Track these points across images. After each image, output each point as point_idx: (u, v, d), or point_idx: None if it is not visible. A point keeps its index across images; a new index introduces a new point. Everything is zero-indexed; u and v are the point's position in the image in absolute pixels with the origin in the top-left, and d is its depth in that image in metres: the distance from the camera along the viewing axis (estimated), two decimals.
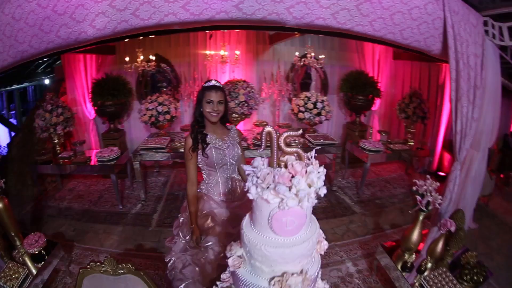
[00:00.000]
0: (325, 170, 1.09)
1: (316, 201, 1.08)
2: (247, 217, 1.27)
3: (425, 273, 2.19)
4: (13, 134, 5.89)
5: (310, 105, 4.30)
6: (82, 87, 4.95)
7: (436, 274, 2.20)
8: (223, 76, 5.06)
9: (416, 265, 2.31)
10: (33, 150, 4.38)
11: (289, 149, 1.09)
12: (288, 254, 1.08)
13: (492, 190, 3.74)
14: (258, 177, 1.07)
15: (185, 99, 5.03)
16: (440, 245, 2.28)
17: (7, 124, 7.61)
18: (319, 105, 4.30)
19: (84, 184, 4.78)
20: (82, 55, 4.78)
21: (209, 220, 2.01)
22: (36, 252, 2.38)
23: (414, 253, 2.41)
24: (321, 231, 1.25)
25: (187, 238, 2.02)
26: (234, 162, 2.07)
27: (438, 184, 2.23)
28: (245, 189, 1.10)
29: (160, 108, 4.28)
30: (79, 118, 5.06)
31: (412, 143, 4.50)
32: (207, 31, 4.70)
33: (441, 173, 4.61)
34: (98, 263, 1.62)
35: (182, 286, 1.90)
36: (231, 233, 1.94)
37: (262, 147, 1.14)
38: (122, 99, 4.77)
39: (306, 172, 1.06)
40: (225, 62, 4.68)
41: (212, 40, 4.98)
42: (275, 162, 1.09)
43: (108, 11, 2.08)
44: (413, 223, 2.34)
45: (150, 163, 5.27)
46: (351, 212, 3.81)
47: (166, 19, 2.15)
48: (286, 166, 1.09)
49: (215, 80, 2.00)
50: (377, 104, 5.33)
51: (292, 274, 1.09)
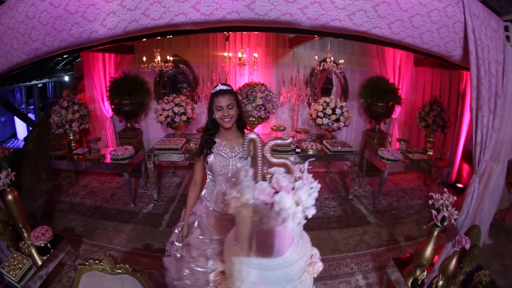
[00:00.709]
0: (319, 186, 0.95)
1: (305, 221, 0.92)
2: (232, 231, 1.17)
3: None
4: (31, 129, 6.02)
5: (329, 111, 4.21)
6: (100, 85, 4.98)
7: None
8: (241, 79, 4.99)
9: (427, 282, 2.21)
10: (49, 145, 4.47)
11: (276, 160, 0.96)
12: (270, 278, 0.97)
13: (510, 204, 3.56)
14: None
15: (203, 101, 4.98)
16: (453, 263, 2.16)
17: (25, 119, 7.87)
18: (338, 111, 4.20)
19: (98, 181, 4.80)
20: (101, 54, 4.81)
21: (196, 224, 2.03)
22: (42, 245, 2.42)
23: (426, 270, 2.30)
24: (317, 251, 1.11)
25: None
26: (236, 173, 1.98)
27: (455, 199, 2.12)
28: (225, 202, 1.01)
29: (177, 109, 4.26)
30: (97, 116, 5.12)
31: (431, 153, 4.35)
32: (225, 32, 4.67)
33: (459, 185, 4.46)
34: (97, 261, 1.63)
35: None
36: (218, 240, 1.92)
37: (246, 157, 1.00)
38: (139, 99, 4.76)
39: (294, 188, 0.91)
40: (243, 65, 4.60)
41: (231, 42, 4.92)
42: (259, 175, 0.96)
43: (119, 11, 2.09)
44: (427, 238, 2.23)
45: (166, 163, 5.26)
46: (366, 222, 3.69)
47: (177, 19, 2.13)
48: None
49: (222, 84, 1.94)
50: (398, 112, 5.17)
51: None
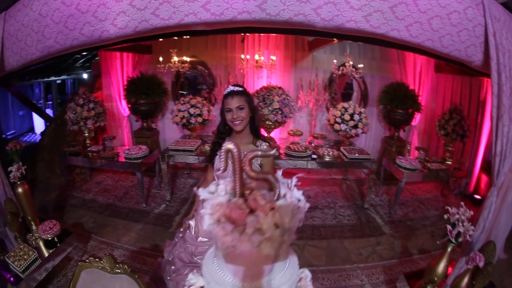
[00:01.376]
0: (307, 206, 0.79)
1: (286, 245, 0.78)
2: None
3: None
4: (47, 124, 6.14)
5: (347, 117, 4.10)
6: (118, 84, 5.01)
7: None
8: (259, 82, 4.92)
9: None
10: (64, 141, 4.54)
11: (255, 174, 0.82)
12: None
13: None
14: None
15: (219, 103, 4.90)
16: (466, 280, 2.05)
17: (42, 114, 8.06)
18: (356, 117, 4.09)
19: (112, 179, 4.82)
20: (119, 53, 4.83)
21: (193, 222, 2.01)
22: (49, 239, 2.48)
23: (437, 286, 2.19)
24: (308, 274, 1.00)
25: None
26: None
27: (472, 213, 2.01)
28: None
29: (192, 110, 4.22)
30: (114, 114, 5.16)
31: (450, 163, 4.19)
32: (242, 34, 4.64)
33: (477, 196, 4.28)
34: (97, 259, 1.62)
35: None
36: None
37: (222, 169, 0.87)
38: (156, 99, 4.75)
39: (273, 209, 0.75)
40: (261, 67, 4.52)
41: (250, 44, 4.87)
42: (238, 190, 0.82)
43: (129, 10, 2.10)
44: (440, 254, 2.12)
45: (182, 164, 5.21)
46: (380, 233, 3.57)
47: (187, 19, 2.12)
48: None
49: (234, 85, 1.87)
50: (417, 119, 4.99)
51: None
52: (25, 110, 10.09)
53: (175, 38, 4.25)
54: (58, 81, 11.16)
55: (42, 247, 2.48)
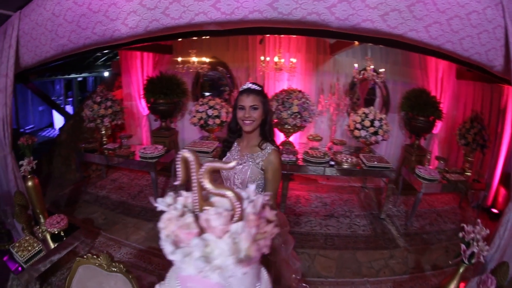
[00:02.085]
0: (275, 231, 0.66)
1: (240, 274, 0.61)
2: None
3: None
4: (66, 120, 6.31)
5: (367, 123, 3.91)
6: (138, 83, 4.97)
7: None
8: (279, 85, 4.77)
9: None
10: (81, 138, 4.55)
11: (212, 188, 0.65)
12: None
13: None
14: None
15: None
16: None
17: (60, 110, 8.23)
18: (377, 123, 3.90)
19: (128, 177, 4.75)
20: (139, 53, 4.79)
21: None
22: (56, 232, 2.48)
23: None
24: None
25: None
26: (238, 183, 1.71)
27: (487, 232, 1.84)
28: None
29: (210, 112, 4.12)
30: (133, 113, 5.13)
31: (469, 174, 3.93)
32: (262, 35, 4.50)
33: (494, 210, 4.00)
34: (95, 256, 1.61)
35: None
36: None
37: (178, 180, 0.71)
38: (175, 99, 4.67)
39: (228, 232, 0.62)
40: (280, 70, 4.38)
41: (271, 46, 4.72)
42: (197, 204, 0.70)
43: (139, 10, 2.10)
44: (452, 274, 1.95)
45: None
46: (394, 246, 3.36)
47: (197, 19, 2.10)
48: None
49: (252, 83, 1.71)
50: (438, 127, 4.73)
51: None
52: (45, 106, 10.20)
53: (195, 38, 4.15)
54: (79, 79, 11.26)
55: (49, 240, 2.49)
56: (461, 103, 4.71)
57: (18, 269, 2.20)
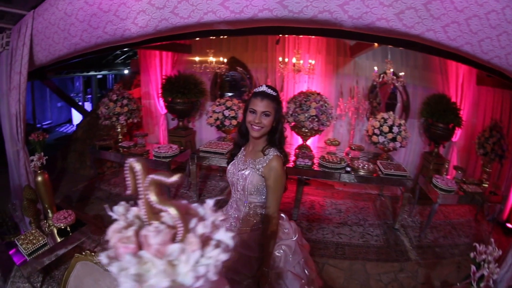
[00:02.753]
0: (223, 257, 0.56)
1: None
2: None
3: None
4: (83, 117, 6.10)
5: (386, 128, 3.71)
6: (156, 82, 4.88)
7: None
8: (297, 86, 4.59)
9: None
10: (98, 135, 4.53)
11: (157, 202, 0.57)
12: None
13: None
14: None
15: None
16: None
17: (77, 107, 8.00)
18: (395, 129, 3.70)
19: None
20: (158, 52, 4.71)
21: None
22: (62, 227, 2.45)
23: None
24: None
25: None
26: (240, 189, 1.61)
27: (500, 253, 1.66)
28: None
29: (227, 112, 4.01)
30: (151, 112, 5.06)
31: (487, 186, 3.67)
32: (278, 35, 4.35)
33: (510, 225, 3.72)
34: (93, 253, 1.59)
35: None
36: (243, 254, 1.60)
37: (128, 190, 0.63)
38: (193, 98, 4.56)
39: (165, 253, 0.54)
40: (299, 71, 4.19)
41: (291, 47, 4.57)
42: (145, 215, 0.61)
43: (148, 9, 2.06)
44: None
45: (216, 166, 4.88)
46: (406, 258, 3.15)
47: (206, 18, 2.03)
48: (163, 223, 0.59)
49: (268, 86, 1.56)
50: (458, 135, 4.46)
51: None
52: (64, 102, 10.12)
53: (212, 38, 4.07)
54: (99, 76, 11.20)
55: (55, 235, 2.46)
56: (481, 110, 4.44)
57: (22, 261, 2.19)
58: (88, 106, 10.81)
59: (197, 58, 4.32)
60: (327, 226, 3.58)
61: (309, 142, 4.20)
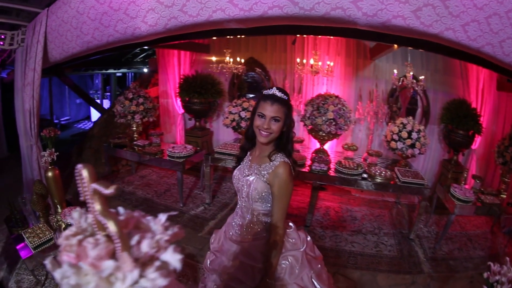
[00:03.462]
0: (162, 284, 0.49)
1: None
2: None
3: None
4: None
5: (405, 134, 3.50)
6: (174, 81, 4.79)
7: None
8: (316, 89, 4.41)
9: None
10: (114, 132, 4.46)
11: (99, 213, 0.51)
12: None
13: None
14: None
15: None
16: None
17: (94, 104, 7.95)
18: (414, 135, 3.48)
19: (158, 175, 4.57)
20: (177, 51, 4.62)
21: (212, 240, 1.71)
22: (70, 223, 2.44)
23: None
24: None
25: None
26: (244, 196, 1.48)
27: None
28: None
29: (244, 114, 3.86)
30: (169, 111, 4.98)
31: (505, 196, 3.42)
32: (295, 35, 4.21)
33: None
34: None
35: None
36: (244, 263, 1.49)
37: (81, 196, 0.55)
38: (210, 99, 4.44)
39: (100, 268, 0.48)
40: (317, 73, 3.97)
41: (310, 48, 4.39)
42: (94, 225, 0.55)
43: (157, 8, 2.01)
44: None
45: (231, 168, 4.85)
46: (418, 271, 2.93)
47: (215, 16, 1.96)
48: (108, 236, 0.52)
49: (278, 88, 1.42)
50: (477, 142, 4.19)
51: None
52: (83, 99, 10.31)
53: (229, 38, 4.00)
54: (119, 74, 11.14)
55: (63, 230, 2.44)
56: (501, 117, 4.16)
57: (28, 254, 2.16)
58: (107, 104, 10.79)
59: (214, 58, 4.18)
60: (341, 234, 3.40)
61: (327, 146, 4.02)
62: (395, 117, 4.16)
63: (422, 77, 3.62)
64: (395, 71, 3.79)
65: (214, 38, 3.98)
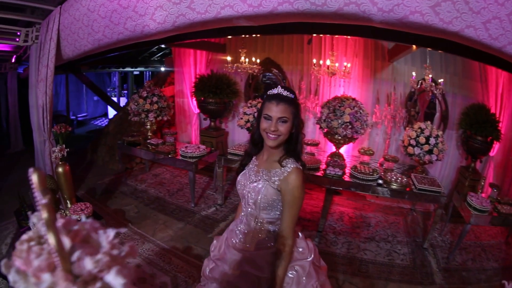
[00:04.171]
0: None
1: None
2: None
3: None
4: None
5: (422, 139, 3.32)
6: (190, 80, 4.69)
7: None
8: (333, 90, 4.24)
9: None
10: (128, 130, 4.45)
11: (44, 220, 0.43)
12: None
13: None
14: None
15: None
16: None
17: (109, 102, 8.02)
18: (432, 141, 3.30)
19: (171, 174, 4.51)
20: (193, 50, 4.54)
21: (212, 248, 1.58)
22: (78, 219, 2.40)
23: None
24: None
25: None
26: (251, 203, 1.37)
27: None
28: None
29: None
30: (184, 110, 4.91)
31: None
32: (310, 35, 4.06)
33: None
34: None
35: None
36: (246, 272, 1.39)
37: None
38: (225, 99, 4.35)
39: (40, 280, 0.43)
40: (333, 74, 3.82)
41: (327, 49, 4.21)
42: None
43: (165, 5, 1.95)
44: None
45: None
46: (430, 282, 2.76)
47: (223, 12, 1.87)
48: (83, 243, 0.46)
49: (283, 87, 1.31)
50: (495, 149, 3.94)
51: None
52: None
53: (245, 37, 3.89)
54: (136, 72, 11.09)
55: None
56: None
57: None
58: (124, 102, 10.71)
59: (229, 58, 4.07)
60: (354, 240, 3.24)
61: (343, 150, 3.85)
62: (413, 122, 3.96)
63: (441, 80, 3.44)
64: (414, 74, 3.60)
65: (230, 38, 3.88)
